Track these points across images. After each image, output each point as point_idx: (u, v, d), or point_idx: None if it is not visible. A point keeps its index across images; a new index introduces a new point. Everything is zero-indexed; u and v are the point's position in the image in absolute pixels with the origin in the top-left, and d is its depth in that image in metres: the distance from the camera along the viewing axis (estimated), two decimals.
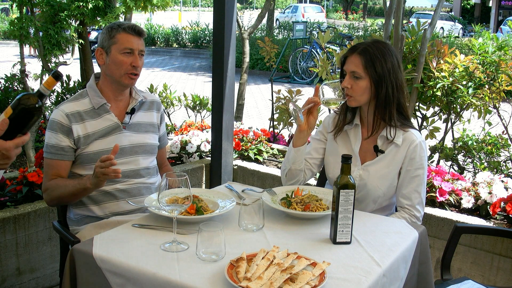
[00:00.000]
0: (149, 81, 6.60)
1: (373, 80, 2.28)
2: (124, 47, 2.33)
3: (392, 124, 2.33)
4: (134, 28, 2.37)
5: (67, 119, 2.32)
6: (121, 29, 2.35)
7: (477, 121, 3.78)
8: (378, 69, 2.27)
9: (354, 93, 2.29)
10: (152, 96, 2.61)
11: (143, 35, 2.41)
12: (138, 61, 2.36)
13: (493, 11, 26.63)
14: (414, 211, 2.32)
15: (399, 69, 2.34)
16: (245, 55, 6.18)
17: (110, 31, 2.36)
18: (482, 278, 3.02)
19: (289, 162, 2.42)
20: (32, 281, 3.09)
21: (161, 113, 2.61)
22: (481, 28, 14.92)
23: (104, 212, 2.37)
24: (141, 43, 2.39)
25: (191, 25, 20.78)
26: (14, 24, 3.70)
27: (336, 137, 2.46)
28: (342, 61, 2.37)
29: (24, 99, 1.62)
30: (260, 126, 5.49)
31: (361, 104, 2.34)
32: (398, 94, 2.31)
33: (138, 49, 2.36)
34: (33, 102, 1.63)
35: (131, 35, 2.35)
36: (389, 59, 2.29)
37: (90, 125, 2.35)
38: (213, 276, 1.59)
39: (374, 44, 2.31)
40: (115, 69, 2.35)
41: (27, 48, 4.73)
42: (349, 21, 23.18)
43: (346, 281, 1.60)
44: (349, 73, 2.30)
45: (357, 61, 2.29)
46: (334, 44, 12.45)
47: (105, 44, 2.36)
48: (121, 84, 2.39)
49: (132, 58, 2.34)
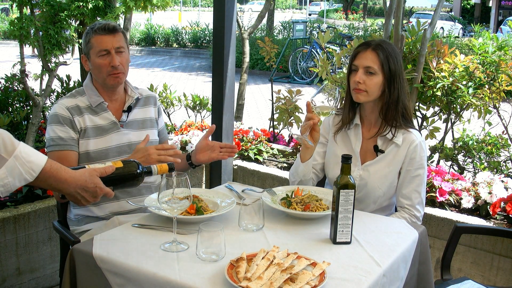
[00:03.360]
0: (149, 81, 6.60)
1: (386, 78, 2.27)
2: (99, 50, 2.31)
3: (394, 124, 2.32)
4: (104, 27, 2.32)
5: (68, 112, 2.32)
6: (93, 32, 2.32)
7: (477, 121, 3.77)
8: (392, 67, 2.26)
9: (367, 88, 2.27)
10: (147, 91, 2.60)
11: (116, 31, 2.35)
12: (115, 60, 2.31)
13: (493, 11, 26.62)
14: (414, 211, 2.32)
15: (403, 70, 2.35)
16: (245, 55, 6.18)
17: (86, 36, 2.35)
18: (482, 278, 3.02)
19: (299, 175, 2.42)
20: (32, 281, 3.09)
21: (158, 106, 2.60)
22: (480, 28, 14.91)
23: (104, 212, 2.37)
24: (116, 40, 2.33)
25: (191, 25, 20.77)
26: (14, 24, 3.70)
27: (336, 137, 2.46)
28: (353, 55, 2.33)
29: (136, 167, 1.83)
30: (260, 126, 5.49)
31: (369, 100, 2.32)
32: (403, 95, 2.31)
33: (113, 48, 2.32)
34: (139, 172, 1.84)
35: (103, 35, 2.31)
36: (399, 59, 2.30)
37: (89, 119, 2.36)
38: (213, 276, 1.59)
39: (385, 42, 2.31)
40: (98, 73, 2.36)
41: (28, 48, 4.72)
42: (349, 21, 23.14)
43: (346, 281, 1.60)
44: (363, 68, 2.27)
45: (373, 56, 2.26)
46: (334, 44, 12.46)
47: (85, 50, 2.37)
48: (108, 85, 2.39)
49: (109, 58, 2.32)
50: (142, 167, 1.84)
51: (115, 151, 2.37)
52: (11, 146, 1.52)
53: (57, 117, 2.32)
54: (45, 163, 1.57)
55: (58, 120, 2.31)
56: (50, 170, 1.58)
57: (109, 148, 2.36)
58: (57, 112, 2.33)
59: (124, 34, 2.41)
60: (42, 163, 1.56)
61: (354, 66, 2.31)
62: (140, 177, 1.84)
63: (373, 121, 2.39)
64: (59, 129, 2.30)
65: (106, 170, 1.73)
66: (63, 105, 2.34)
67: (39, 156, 1.57)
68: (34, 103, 3.86)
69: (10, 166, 1.51)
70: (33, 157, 1.55)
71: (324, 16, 28.06)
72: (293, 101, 4.46)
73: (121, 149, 2.38)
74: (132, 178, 1.82)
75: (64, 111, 2.33)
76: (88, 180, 1.67)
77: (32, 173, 1.54)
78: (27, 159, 1.53)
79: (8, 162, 1.50)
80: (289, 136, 4.87)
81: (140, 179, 1.85)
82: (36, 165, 1.55)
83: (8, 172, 1.51)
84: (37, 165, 1.55)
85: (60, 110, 2.33)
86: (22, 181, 1.54)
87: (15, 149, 1.52)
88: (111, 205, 2.37)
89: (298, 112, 4.46)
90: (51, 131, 2.32)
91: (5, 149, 1.50)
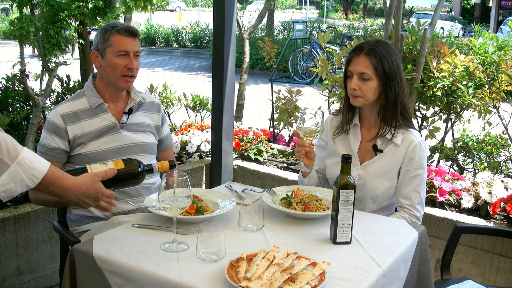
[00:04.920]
0: (149, 81, 6.59)
1: (381, 81, 2.26)
2: (118, 50, 2.31)
3: (393, 124, 2.32)
4: (128, 29, 2.34)
5: (62, 121, 2.32)
6: (115, 31, 2.32)
7: (477, 121, 3.77)
8: (387, 69, 2.25)
9: (363, 93, 2.27)
10: (152, 98, 2.61)
11: (138, 36, 2.39)
12: (133, 63, 2.34)
13: (493, 11, 26.61)
14: (414, 211, 2.32)
15: (401, 69, 2.34)
16: (245, 55, 6.17)
17: (104, 34, 2.34)
18: (482, 278, 3.02)
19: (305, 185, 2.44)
20: (32, 281, 3.09)
21: (162, 114, 2.60)
22: (480, 28, 14.90)
23: (104, 212, 2.37)
24: (136, 44, 2.37)
25: (191, 25, 20.77)
26: (14, 24, 3.70)
27: (335, 137, 2.46)
28: (347, 61, 2.33)
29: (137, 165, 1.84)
30: (260, 126, 5.48)
31: (366, 103, 2.32)
32: (402, 94, 2.31)
33: (133, 51, 2.34)
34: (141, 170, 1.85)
35: (125, 37, 2.33)
36: (394, 59, 2.29)
37: (86, 124, 2.35)
38: (213, 276, 1.59)
39: (379, 44, 2.29)
40: (111, 72, 2.35)
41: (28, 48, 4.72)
42: (349, 21, 23.13)
43: (346, 281, 1.60)
44: (357, 74, 2.26)
45: (366, 62, 2.25)
46: (334, 44, 12.46)
47: (100, 47, 2.35)
48: (117, 87, 2.38)
49: (127, 60, 2.33)
50: (143, 165, 1.85)
51: (114, 152, 2.37)
52: (14, 151, 1.52)
53: (48, 124, 2.34)
54: (48, 170, 1.57)
55: (48, 127, 2.33)
56: (52, 177, 1.59)
57: (108, 149, 2.36)
58: (50, 119, 2.34)
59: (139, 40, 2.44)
60: (45, 170, 1.57)
61: (349, 72, 2.31)
62: (141, 176, 1.85)
63: (372, 122, 2.39)
64: (47, 137, 2.33)
65: (108, 173, 1.74)
66: (59, 112, 2.34)
67: (42, 162, 1.58)
68: (34, 103, 3.86)
69: (12, 172, 1.51)
70: (36, 164, 1.55)
71: (324, 16, 28.05)
72: (293, 101, 4.47)
73: (120, 150, 2.38)
74: (134, 177, 1.84)
75: (58, 119, 2.32)
76: (89, 186, 1.68)
77: (34, 180, 1.55)
78: (30, 165, 1.53)
79: (10, 168, 1.50)
80: (289, 136, 4.87)
81: (141, 178, 1.86)
82: (39, 172, 1.55)
83: (10, 178, 1.51)
84: (39, 172, 1.55)
85: (54, 118, 2.33)
86: (24, 187, 1.54)
87: (18, 155, 1.52)
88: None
89: (298, 112, 4.46)
90: (42, 135, 2.36)
91: (8, 155, 1.50)
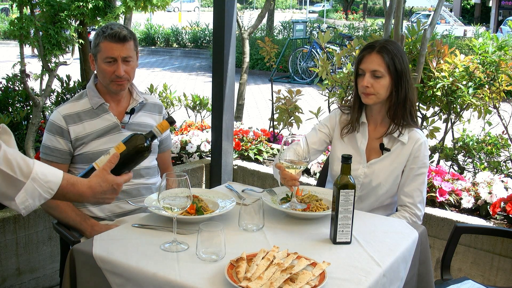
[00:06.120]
0: (149, 81, 6.59)
1: (393, 78, 2.27)
2: (106, 56, 2.30)
3: (401, 123, 2.33)
4: (115, 35, 2.28)
5: (64, 121, 2.33)
6: (103, 37, 2.30)
7: (477, 121, 3.77)
8: (398, 67, 2.26)
9: (375, 91, 2.27)
10: (154, 99, 2.61)
11: (127, 40, 2.31)
12: (120, 70, 2.30)
13: (493, 11, 26.59)
14: (415, 210, 2.33)
15: (409, 68, 2.35)
16: (245, 55, 6.18)
17: (96, 38, 2.34)
18: (482, 278, 3.01)
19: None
20: (32, 281, 3.09)
21: (163, 115, 2.60)
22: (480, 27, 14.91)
23: (104, 212, 2.38)
24: (125, 49, 2.31)
25: (191, 25, 20.77)
26: (14, 24, 3.70)
27: (343, 137, 2.46)
28: (359, 59, 2.33)
29: (139, 139, 1.74)
30: (260, 126, 5.48)
31: (378, 101, 2.33)
32: (411, 93, 2.32)
33: (121, 57, 2.30)
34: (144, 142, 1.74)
35: (112, 43, 2.29)
36: (404, 57, 2.30)
37: (88, 125, 2.36)
38: (213, 276, 1.59)
39: (389, 43, 2.31)
40: (102, 77, 2.36)
41: (28, 48, 4.72)
42: (349, 21, 23.11)
43: (346, 281, 1.60)
44: (370, 72, 2.27)
45: (378, 59, 2.26)
46: (334, 44, 12.47)
47: (93, 51, 2.36)
48: (111, 90, 2.39)
49: (114, 66, 2.31)
50: (144, 137, 1.77)
51: None
52: (27, 168, 1.52)
53: (50, 125, 2.34)
54: (62, 180, 1.59)
55: (50, 128, 2.34)
56: (67, 186, 1.61)
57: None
58: (52, 120, 2.35)
59: (135, 40, 2.39)
60: (59, 180, 1.58)
61: (361, 70, 2.31)
62: (147, 147, 1.76)
63: (379, 120, 2.40)
64: (49, 138, 2.33)
65: (112, 161, 1.71)
66: (60, 113, 2.34)
67: (55, 173, 1.59)
68: (34, 103, 3.86)
69: (29, 189, 1.52)
70: (50, 176, 1.56)
71: (324, 16, 28.04)
72: (293, 101, 4.46)
73: None
74: (140, 152, 1.76)
75: (59, 120, 2.33)
76: (103, 184, 1.68)
77: (50, 192, 1.56)
78: (45, 179, 1.55)
79: (26, 185, 1.51)
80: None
81: (148, 149, 1.77)
82: (54, 183, 1.57)
83: (28, 195, 1.52)
84: (54, 184, 1.57)
85: (55, 119, 2.34)
86: (42, 200, 1.56)
87: (31, 171, 1.52)
88: (111, 205, 2.37)
89: (298, 112, 4.46)
90: (44, 137, 2.37)
91: (21, 172, 1.51)
